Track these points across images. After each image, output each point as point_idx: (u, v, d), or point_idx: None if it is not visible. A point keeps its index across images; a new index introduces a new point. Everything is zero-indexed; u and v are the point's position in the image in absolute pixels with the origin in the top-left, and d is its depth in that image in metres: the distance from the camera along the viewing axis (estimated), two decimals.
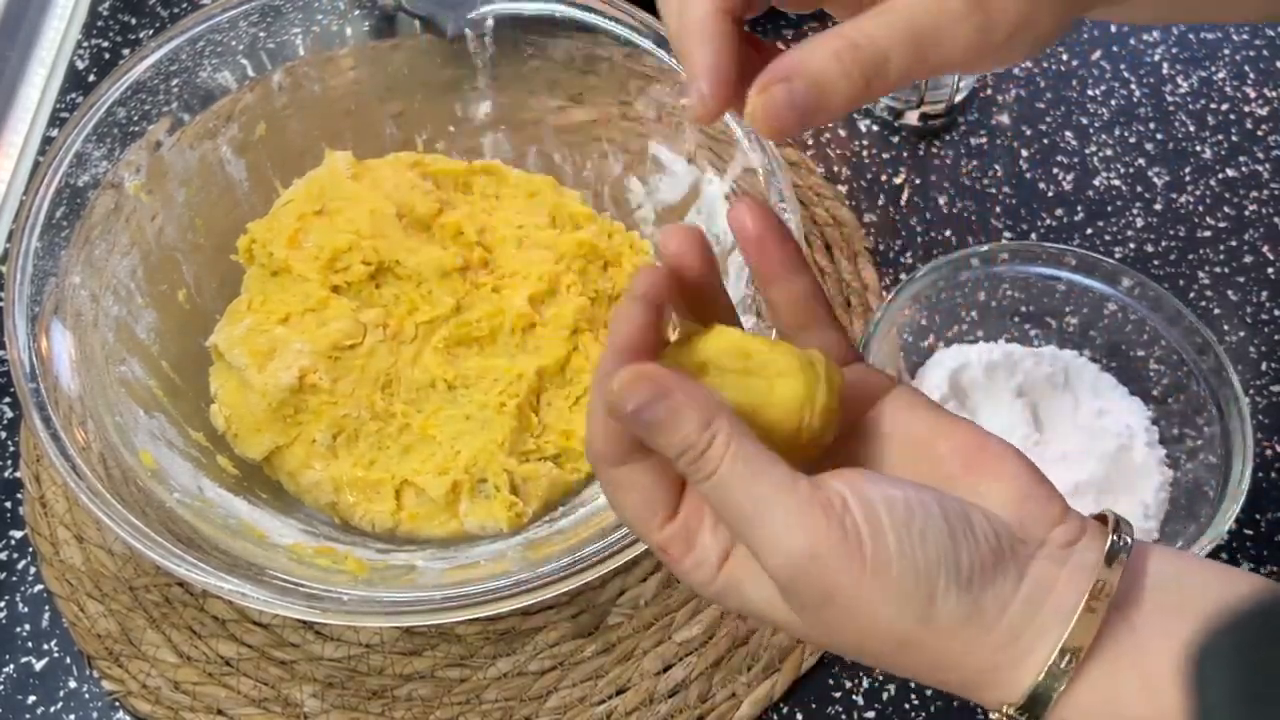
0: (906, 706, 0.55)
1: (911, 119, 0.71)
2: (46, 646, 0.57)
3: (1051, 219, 0.69)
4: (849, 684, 0.56)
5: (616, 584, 0.57)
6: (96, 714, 0.55)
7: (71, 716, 0.55)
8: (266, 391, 0.55)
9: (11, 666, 0.56)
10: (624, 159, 0.63)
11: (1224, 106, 0.73)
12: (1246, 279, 0.67)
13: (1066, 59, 0.74)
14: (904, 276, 0.65)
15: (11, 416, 0.62)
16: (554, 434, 0.57)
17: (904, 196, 0.70)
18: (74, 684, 0.56)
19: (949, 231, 0.68)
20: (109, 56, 0.74)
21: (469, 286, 0.59)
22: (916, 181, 0.70)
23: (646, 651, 0.56)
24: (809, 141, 0.71)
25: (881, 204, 0.69)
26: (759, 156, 0.55)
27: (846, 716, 0.55)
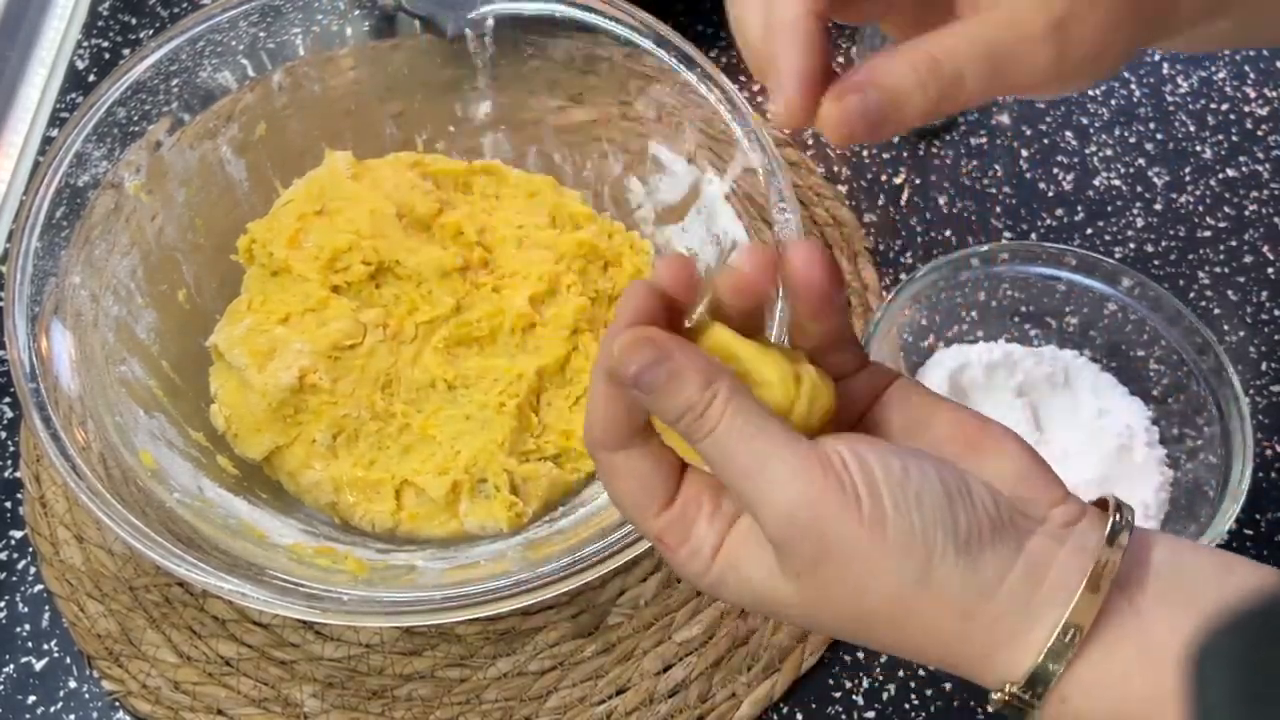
0: (906, 706, 0.55)
1: None
2: (46, 646, 0.57)
3: (1051, 219, 0.69)
4: (849, 684, 0.56)
5: (616, 584, 0.57)
6: (96, 714, 0.55)
7: (71, 716, 0.55)
8: (266, 391, 0.55)
9: (11, 666, 0.56)
10: (624, 159, 0.63)
11: (1224, 106, 0.73)
12: (1246, 279, 0.67)
13: None
14: (904, 276, 0.65)
15: (11, 416, 0.62)
16: (554, 434, 0.57)
17: (904, 196, 0.69)
18: (74, 684, 0.56)
19: (949, 231, 0.68)
20: (109, 56, 0.74)
21: (469, 286, 0.59)
22: (916, 181, 0.70)
23: (646, 651, 0.56)
24: (809, 141, 0.71)
25: (881, 204, 0.69)
26: (759, 156, 0.55)
27: (846, 716, 0.55)
